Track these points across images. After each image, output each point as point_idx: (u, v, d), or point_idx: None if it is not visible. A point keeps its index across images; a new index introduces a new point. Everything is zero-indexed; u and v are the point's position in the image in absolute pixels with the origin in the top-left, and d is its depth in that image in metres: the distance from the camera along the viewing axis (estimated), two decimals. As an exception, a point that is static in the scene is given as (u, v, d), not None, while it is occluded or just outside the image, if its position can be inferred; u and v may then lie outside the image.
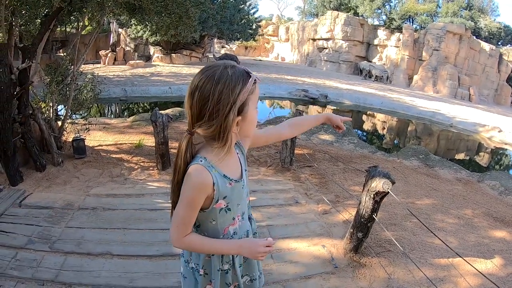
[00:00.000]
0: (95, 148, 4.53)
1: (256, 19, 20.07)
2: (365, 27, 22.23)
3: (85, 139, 4.17)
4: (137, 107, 10.28)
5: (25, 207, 2.87)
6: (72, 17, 4.49)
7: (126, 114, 9.40)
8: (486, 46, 19.96)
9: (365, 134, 10.27)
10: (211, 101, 0.92)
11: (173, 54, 16.91)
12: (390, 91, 15.98)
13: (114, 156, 4.31)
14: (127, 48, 17.15)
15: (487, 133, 10.22)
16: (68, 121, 4.32)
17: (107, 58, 15.09)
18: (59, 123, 4.20)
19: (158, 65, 15.85)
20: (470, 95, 18.61)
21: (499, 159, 9.41)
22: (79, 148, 4.06)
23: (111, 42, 16.47)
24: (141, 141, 4.76)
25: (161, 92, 10.84)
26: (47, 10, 3.77)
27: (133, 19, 4.86)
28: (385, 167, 4.40)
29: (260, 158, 4.59)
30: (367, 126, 11.30)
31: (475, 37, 20.39)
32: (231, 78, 0.93)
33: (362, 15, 22.92)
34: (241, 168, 1.12)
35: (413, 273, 2.35)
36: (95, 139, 4.87)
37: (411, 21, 22.01)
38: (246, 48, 30.07)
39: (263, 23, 26.89)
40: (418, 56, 20.07)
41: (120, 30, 17.34)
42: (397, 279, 2.30)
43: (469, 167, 6.66)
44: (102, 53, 15.31)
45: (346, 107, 12.42)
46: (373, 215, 2.31)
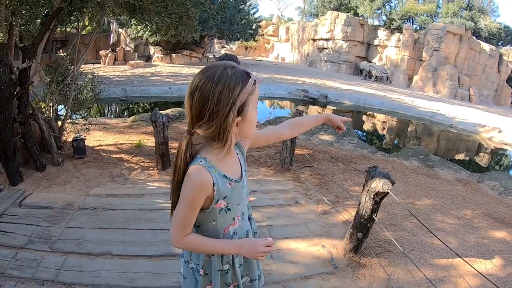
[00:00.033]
0: (95, 148, 4.53)
1: (256, 19, 20.08)
2: (365, 28, 22.24)
3: (85, 139, 4.18)
4: (137, 107, 10.29)
5: (25, 207, 2.87)
6: (72, 17, 4.49)
7: (126, 114, 9.40)
8: (486, 46, 19.98)
9: (365, 134, 10.27)
10: (211, 102, 0.92)
11: (173, 54, 16.92)
12: (390, 91, 15.98)
13: (114, 156, 4.31)
14: (127, 48, 17.15)
15: (487, 134, 10.22)
16: (68, 121, 4.32)
17: (107, 58, 15.09)
18: (59, 123, 4.20)
19: (158, 65, 15.86)
20: (470, 95, 18.63)
21: (499, 160, 9.42)
22: (79, 148, 4.06)
23: (111, 42, 16.47)
24: (141, 141, 4.76)
25: (161, 92, 10.84)
26: (47, 10, 3.77)
27: (133, 19, 4.87)
28: (385, 167, 4.40)
29: (260, 158, 4.59)
30: (367, 126, 11.30)
31: (475, 38, 20.41)
32: (231, 78, 0.93)
33: (362, 16, 22.93)
34: (241, 168, 1.12)
35: (412, 273, 2.35)
36: (95, 139, 4.88)
37: (411, 21, 22.01)
38: (246, 48, 30.08)
39: (263, 23, 26.90)
40: (418, 56, 20.07)
41: (120, 30, 17.34)
42: (397, 279, 2.30)
43: (469, 168, 6.66)
44: (102, 53, 15.32)
45: (346, 108, 12.43)
46: (373, 216, 2.31)
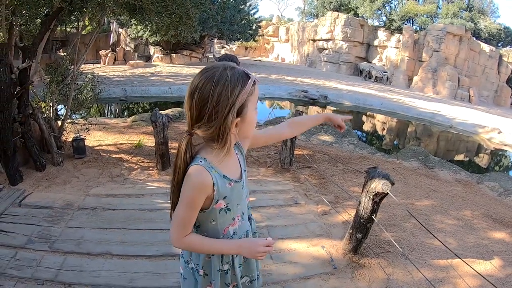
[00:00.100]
0: (95, 148, 4.53)
1: (256, 19, 20.07)
2: (365, 28, 22.25)
3: (85, 139, 4.18)
4: (137, 107, 10.28)
5: (24, 206, 2.87)
6: (72, 17, 4.50)
7: (126, 114, 9.40)
8: (486, 47, 19.99)
9: (364, 135, 10.27)
10: (210, 103, 0.92)
11: (173, 54, 16.92)
12: (390, 92, 15.99)
13: (114, 156, 4.31)
14: (127, 48, 17.16)
15: (486, 134, 10.22)
16: (68, 121, 4.32)
17: (107, 58, 15.09)
18: (59, 123, 4.20)
19: (158, 65, 15.86)
20: (470, 96, 18.64)
21: (499, 160, 9.42)
22: (79, 148, 4.06)
23: (111, 42, 16.46)
24: (141, 141, 4.76)
25: (161, 92, 10.84)
26: (48, 9, 3.77)
27: (133, 19, 4.87)
28: (384, 168, 4.40)
29: (259, 158, 4.59)
30: (366, 127, 11.30)
31: (475, 39, 20.41)
32: (230, 79, 0.94)
33: (362, 16, 22.94)
34: (241, 168, 1.12)
35: (412, 274, 2.35)
36: (95, 139, 4.88)
37: (411, 22, 22.02)
38: (246, 48, 30.08)
39: (263, 23, 26.90)
40: (418, 57, 20.08)
41: (120, 30, 17.34)
42: (396, 280, 2.30)
43: (468, 168, 6.66)
44: (102, 53, 15.32)
45: (346, 108, 12.43)
46: (373, 216, 2.31)
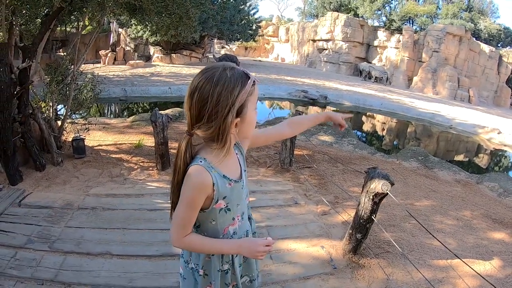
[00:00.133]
0: (95, 148, 4.53)
1: (256, 19, 20.07)
2: (365, 28, 22.25)
3: (84, 139, 4.18)
4: (136, 107, 10.28)
5: (24, 206, 2.87)
6: (72, 17, 4.50)
7: (125, 114, 9.40)
8: (486, 47, 20.00)
9: (364, 135, 10.28)
10: (210, 103, 0.92)
11: (173, 54, 16.92)
12: (389, 92, 15.99)
13: (113, 156, 4.31)
14: (127, 48, 17.15)
15: (486, 135, 10.23)
16: (68, 120, 4.32)
17: (107, 58, 15.09)
18: (59, 122, 4.20)
19: (158, 65, 15.85)
20: (469, 96, 18.65)
21: (498, 161, 9.42)
22: (78, 148, 4.06)
23: (111, 42, 16.47)
24: (140, 141, 4.76)
25: (161, 92, 10.84)
26: (48, 9, 3.78)
27: (133, 19, 4.87)
28: (384, 168, 4.41)
29: (259, 159, 4.59)
30: (366, 127, 11.31)
31: (475, 39, 20.41)
32: (229, 80, 0.94)
33: (362, 16, 22.94)
34: (241, 168, 1.12)
35: (411, 274, 2.35)
36: (94, 139, 4.88)
37: (411, 22, 22.03)
38: (246, 48, 30.07)
39: (263, 23, 26.88)
40: (418, 57, 20.09)
41: (120, 30, 17.34)
42: (396, 280, 2.30)
43: (468, 169, 6.66)
44: (102, 53, 15.31)
45: (345, 108, 12.42)
46: (372, 216, 2.31)
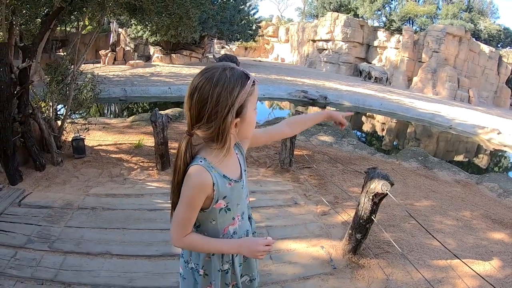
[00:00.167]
0: (95, 148, 4.53)
1: (256, 20, 20.07)
2: (365, 29, 22.25)
3: (84, 138, 4.18)
4: (136, 107, 10.28)
5: (24, 206, 2.87)
6: (72, 17, 4.50)
7: (125, 114, 9.39)
8: (485, 48, 20.01)
9: (364, 135, 10.28)
10: (210, 103, 0.93)
11: (173, 54, 16.91)
12: (389, 92, 15.99)
13: (113, 156, 4.31)
14: (127, 48, 17.15)
15: (486, 135, 10.23)
16: (68, 120, 4.32)
17: (107, 58, 15.09)
18: (59, 122, 4.20)
19: (158, 65, 15.85)
20: (469, 97, 18.66)
21: (498, 161, 9.43)
22: (78, 147, 4.06)
23: (111, 42, 16.46)
24: (140, 141, 4.76)
25: (161, 92, 10.83)
26: (48, 9, 3.78)
27: (133, 19, 4.87)
28: (384, 168, 4.41)
29: (259, 159, 4.60)
30: (366, 127, 11.31)
31: (474, 39, 20.43)
32: (229, 80, 0.94)
33: (362, 17, 22.95)
34: (241, 168, 1.13)
35: (411, 274, 2.35)
36: (94, 139, 4.88)
37: (411, 23, 22.04)
38: (246, 48, 30.06)
39: (263, 24, 26.85)
40: (417, 57, 20.10)
41: (120, 30, 17.33)
42: (395, 280, 2.31)
43: (468, 169, 6.67)
44: (102, 52, 15.31)
45: (345, 109, 12.43)
46: (372, 217, 2.31)
